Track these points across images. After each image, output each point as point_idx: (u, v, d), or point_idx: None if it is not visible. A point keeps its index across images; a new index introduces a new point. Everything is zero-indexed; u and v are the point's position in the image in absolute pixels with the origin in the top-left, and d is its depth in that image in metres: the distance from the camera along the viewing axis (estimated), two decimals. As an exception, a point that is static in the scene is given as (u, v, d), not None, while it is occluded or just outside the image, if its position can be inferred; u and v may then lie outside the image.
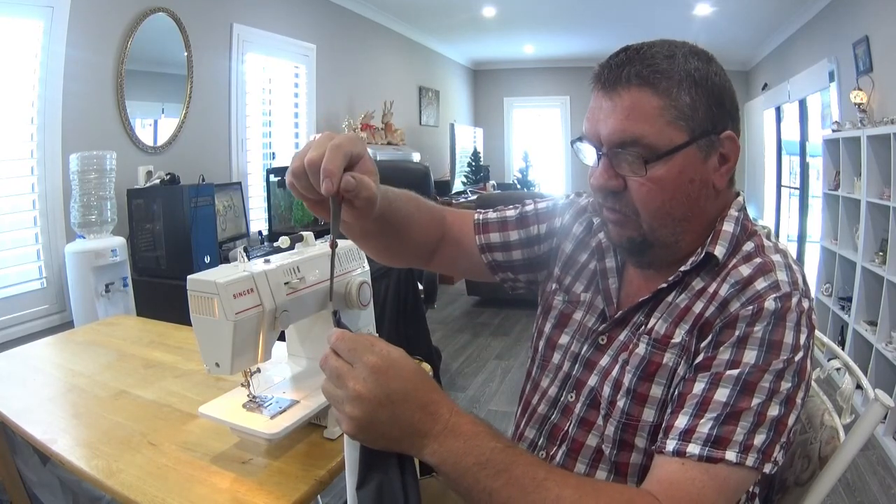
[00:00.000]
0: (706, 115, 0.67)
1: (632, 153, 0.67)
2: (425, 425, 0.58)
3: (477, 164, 6.92)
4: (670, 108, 0.66)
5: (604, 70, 0.70)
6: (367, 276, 1.08)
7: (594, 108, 0.71)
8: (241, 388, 0.96)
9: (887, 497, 2.01)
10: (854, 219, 3.01)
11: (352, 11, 4.59)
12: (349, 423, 0.57)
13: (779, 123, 5.71)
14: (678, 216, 0.70)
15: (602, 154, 0.70)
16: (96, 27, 2.40)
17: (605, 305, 0.80)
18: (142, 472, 0.86)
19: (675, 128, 0.66)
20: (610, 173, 0.70)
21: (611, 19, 5.26)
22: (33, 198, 2.24)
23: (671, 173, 0.67)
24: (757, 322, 0.63)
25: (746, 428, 0.60)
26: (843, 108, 3.67)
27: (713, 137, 0.68)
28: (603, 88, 0.69)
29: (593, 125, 0.71)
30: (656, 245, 0.72)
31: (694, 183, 0.69)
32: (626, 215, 0.71)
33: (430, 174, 3.12)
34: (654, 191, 0.68)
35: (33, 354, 1.42)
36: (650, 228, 0.71)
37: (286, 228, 3.35)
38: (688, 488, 0.59)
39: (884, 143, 2.65)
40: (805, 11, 4.51)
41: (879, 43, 3.27)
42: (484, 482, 0.56)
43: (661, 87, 0.66)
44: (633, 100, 0.67)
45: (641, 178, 0.68)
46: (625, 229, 0.73)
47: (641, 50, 0.68)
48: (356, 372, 0.57)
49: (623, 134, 0.67)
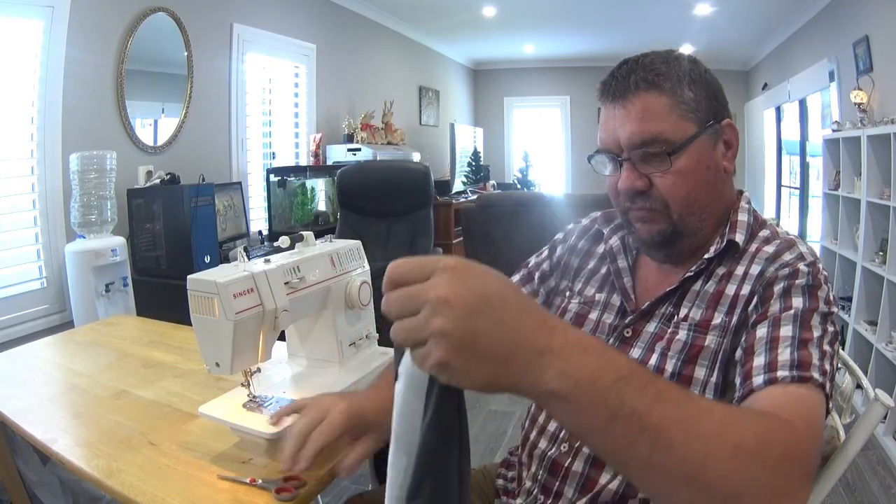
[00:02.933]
0: (708, 106, 0.75)
1: (654, 149, 0.73)
2: (541, 337, 0.44)
3: (477, 164, 6.91)
4: (678, 105, 0.73)
5: (610, 82, 0.76)
6: (367, 276, 1.08)
7: (607, 118, 0.77)
8: (242, 388, 0.96)
9: (887, 497, 2.01)
10: (854, 219, 3.01)
11: (352, 11, 4.59)
12: (441, 346, 0.43)
13: (779, 123, 5.72)
14: (703, 202, 0.77)
15: (623, 159, 0.76)
16: (96, 27, 2.40)
17: (624, 301, 0.84)
18: (142, 471, 0.86)
19: (686, 121, 0.74)
20: (635, 175, 0.75)
21: (611, 19, 5.26)
22: (33, 198, 2.24)
23: (690, 163, 0.74)
24: (796, 279, 0.69)
25: (815, 355, 0.63)
26: (843, 108, 3.67)
27: (717, 126, 0.76)
28: (613, 99, 0.76)
29: (610, 135, 0.76)
30: (685, 234, 0.78)
31: (710, 169, 0.76)
32: (656, 210, 0.76)
33: (430, 174, 3.11)
34: (679, 181, 0.74)
35: (33, 354, 1.42)
36: (680, 217, 0.76)
37: (286, 228, 3.35)
38: (795, 406, 0.58)
39: (884, 142, 2.65)
40: (805, 11, 4.51)
41: (879, 43, 3.27)
42: (631, 401, 0.44)
43: (666, 87, 0.73)
44: (644, 103, 0.73)
45: (667, 172, 0.74)
46: (655, 224, 0.77)
47: (639, 60, 0.76)
48: (434, 280, 0.44)
49: (643, 134, 0.73)
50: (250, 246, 2.91)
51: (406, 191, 3.05)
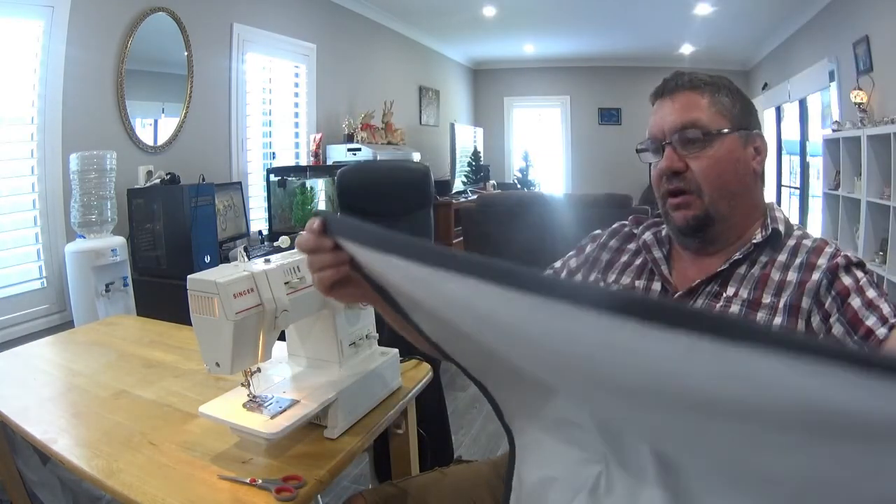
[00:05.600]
0: (741, 113, 0.87)
1: (692, 134, 0.84)
2: None
3: (477, 164, 6.91)
4: (716, 104, 0.86)
5: (662, 86, 0.90)
6: (367, 275, 1.08)
7: (655, 113, 0.89)
8: (242, 388, 0.96)
9: (887, 497, 2.01)
10: (854, 218, 3.01)
11: (352, 11, 4.59)
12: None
13: (779, 123, 5.72)
14: (732, 189, 0.86)
15: (665, 143, 0.87)
16: (96, 27, 2.40)
17: (665, 285, 0.90)
18: (142, 471, 0.86)
19: (721, 118, 0.85)
20: (675, 156, 0.86)
21: (611, 19, 5.26)
22: (33, 197, 2.24)
23: (722, 151, 0.84)
24: (849, 261, 0.80)
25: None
26: (844, 108, 3.67)
27: (748, 132, 0.87)
28: (661, 97, 0.89)
29: (657, 125, 0.88)
30: (717, 219, 0.86)
31: (740, 163, 0.86)
32: (690, 192, 0.86)
33: (430, 174, 3.11)
34: (712, 165, 0.84)
35: (33, 354, 1.42)
36: (711, 201, 0.85)
37: (286, 228, 3.35)
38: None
39: (884, 142, 2.65)
40: (805, 11, 4.51)
41: (879, 43, 3.27)
42: None
43: (706, 91, 0.86)
44: (686, 98, 0.86)
45: (701, 156, 0.84)
46: (689, 210, 0.86)
47: (688, 72, 0.89)
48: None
49: (684, 120, 0.85)
50: (250, 246, 2.90)
51: (406, 191, 3.05)
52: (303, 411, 0.93)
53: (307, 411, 0.93)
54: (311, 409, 0.93)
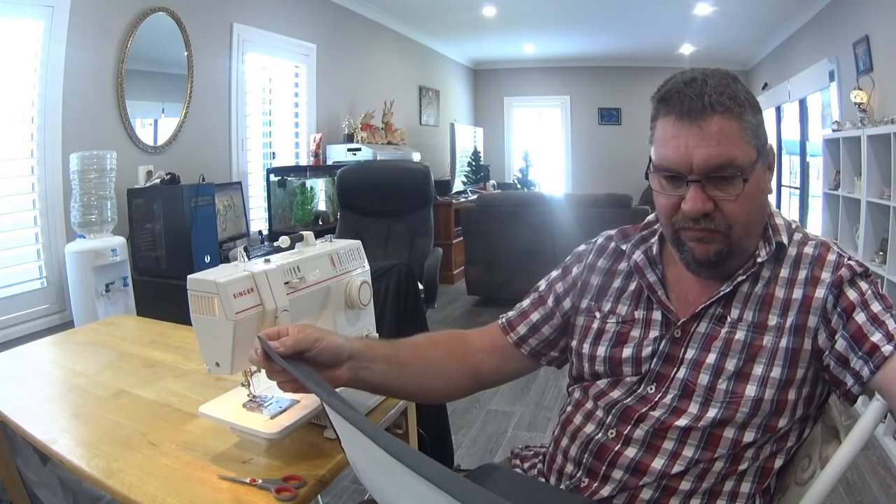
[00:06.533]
0: (762, 130, 0.78)
1: (729, 173, 0.74)
2: None
3: (477, 164, 6.91)
4: (746, 130, 0.75)
5: (681, 99, 0.75)
6: (367, 275, 1.08)
7: (676, 136, 0.75)
8: (242, 388, 0.96)
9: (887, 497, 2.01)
10: (854, 218, 3.01)
11: (352, 11, 4.59)
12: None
13: (779, 123, 5.72)
14: (758, 223, 0.80)
15: (692, 181, 0.75)
16: (96, 27, 2.40)
17: (666, 314, 0.85)
18: (142, 471, 0.86)
19: (750, 146, 0.75)
20: (703, 197, 0.75)
21: (611, 19, 5.27)
22: (33, 197, 2.24)
23: (753, 187, 0.76)
24: (852, 272, 0.77)
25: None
26: (844, 108, 3.67)
27: (765, 148, 0.79)
28: (686, 117, 0.74)
29: (682, 155, 0.75)
30: (737, 253, 0.79)
31: (763, 192, 0.79)
32: (717, 231, 0.77)
33: (430, 174, 3.11)
34: (744, 205, 0.76)
35: (33, 354, 1.42)
36: (738, 238, 0.78)
37: (286, 228, 3.35)
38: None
39: (884, 142, 2.65)
40: (805, 11, 4.51)
41: (879, 43, 3.27)
42: None
43: (736, 112, 0.74)
44: (719, 126, 0.73)
45: (735, 195, 0.75)
46: (712, 245, 0.78)
47: (706, 80, 0.75)
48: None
49: (720, 158, 0.73)
50: (250, 246, 2.91)
51: (406, 191, 3.05)
52: (303, 411, 0.93)
53: (307, 411, 0.93)
54: (311, 410, 0.93)
